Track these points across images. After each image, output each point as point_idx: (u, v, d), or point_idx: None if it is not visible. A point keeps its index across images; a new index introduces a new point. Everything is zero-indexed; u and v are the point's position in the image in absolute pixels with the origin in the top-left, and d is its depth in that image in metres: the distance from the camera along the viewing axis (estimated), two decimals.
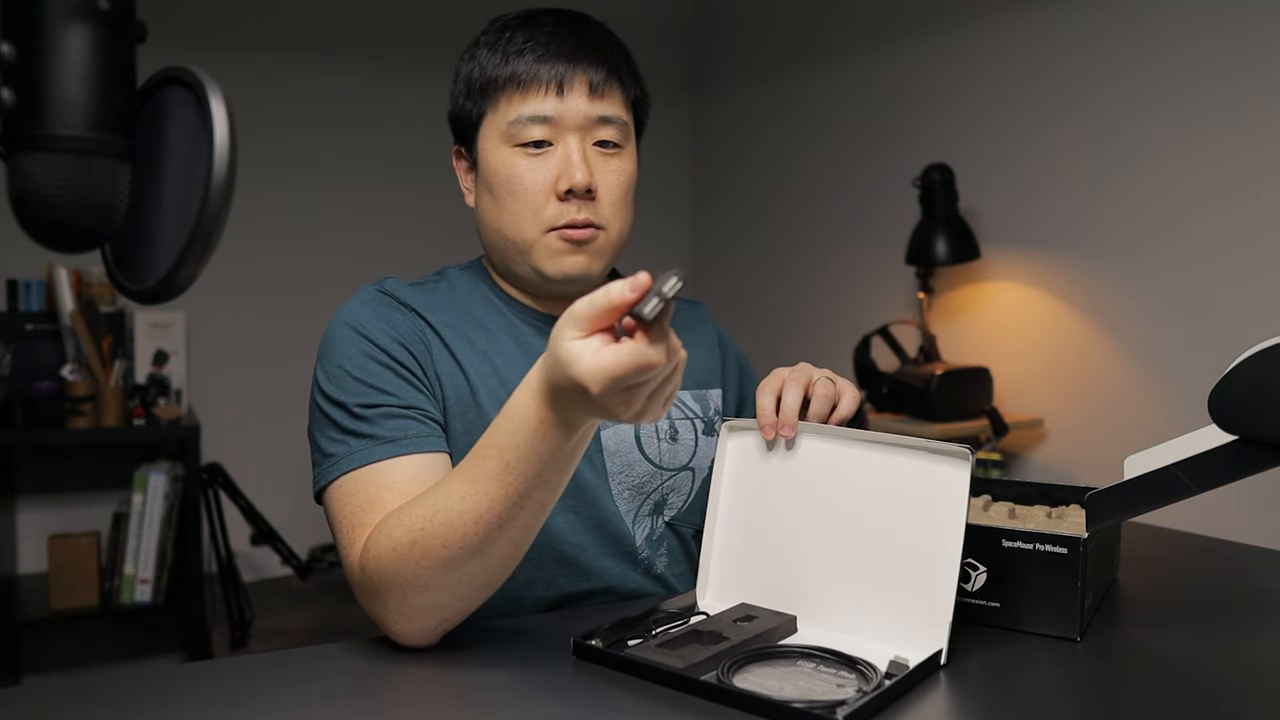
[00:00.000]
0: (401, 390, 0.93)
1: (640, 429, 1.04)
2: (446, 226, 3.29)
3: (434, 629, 0.82)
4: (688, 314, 1.19)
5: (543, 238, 0.98)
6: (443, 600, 0.79)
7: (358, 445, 0.89)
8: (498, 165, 0.98)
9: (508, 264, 1.03)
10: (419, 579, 0.78)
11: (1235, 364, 0.68)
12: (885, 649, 0.80)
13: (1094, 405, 2.65)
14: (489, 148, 0.99)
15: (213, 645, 2.54)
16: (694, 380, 1.11)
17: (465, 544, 0.76)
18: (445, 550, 0.76)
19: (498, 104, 0.98)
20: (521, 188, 0.97)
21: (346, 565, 0.86)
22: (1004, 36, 2.86)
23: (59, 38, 0.54)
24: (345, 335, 0.95)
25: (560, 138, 0.97)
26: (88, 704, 0.72)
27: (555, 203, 0.97)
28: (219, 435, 3.08)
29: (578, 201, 0.97)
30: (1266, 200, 2.25)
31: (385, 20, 3.63)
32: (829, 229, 3.53)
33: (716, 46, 4.11)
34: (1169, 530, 1.23)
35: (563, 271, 0.99)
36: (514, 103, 0.97)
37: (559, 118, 0.96)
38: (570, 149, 0.96)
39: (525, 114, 0.96)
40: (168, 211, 0.58)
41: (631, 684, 0.75)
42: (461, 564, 0.77)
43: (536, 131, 0.96)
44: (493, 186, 0.99)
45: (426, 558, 0.77)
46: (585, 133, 0.97)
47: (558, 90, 0.96)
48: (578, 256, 0.99)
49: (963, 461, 0.80)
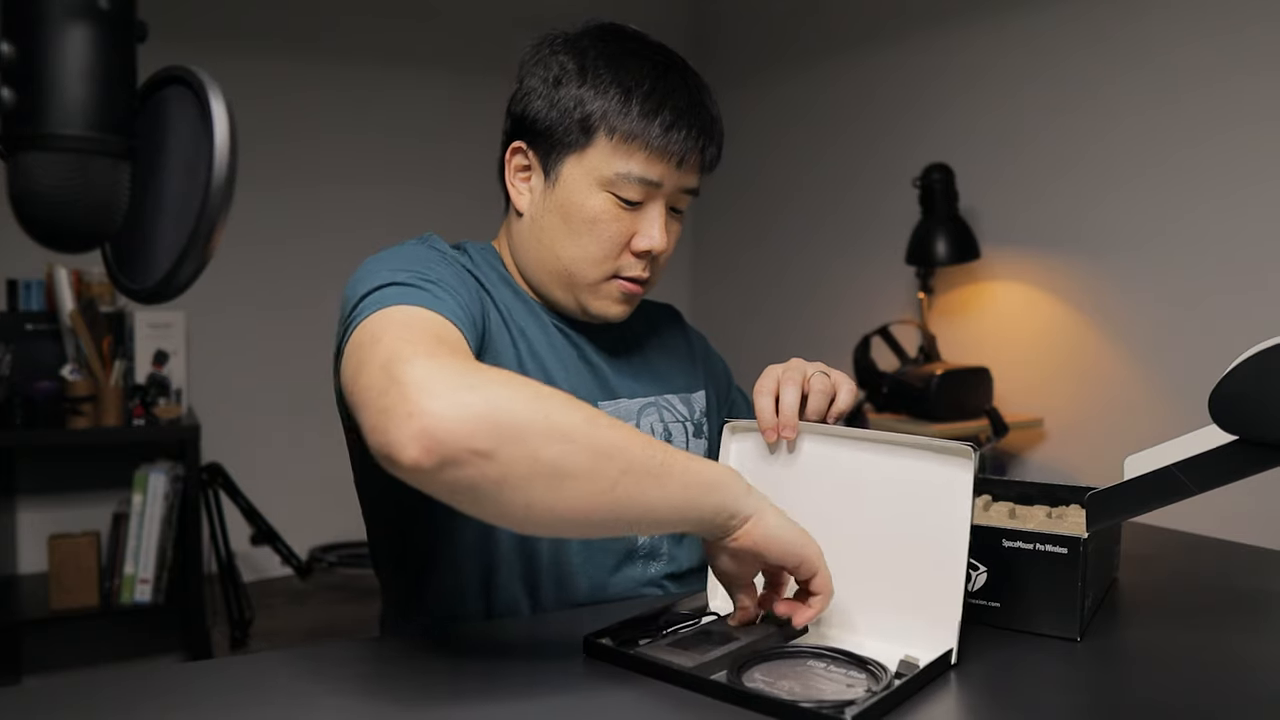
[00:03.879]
0: (467, 297, 0.89)
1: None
2: (448, 227, 3.29)
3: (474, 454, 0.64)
4: (661, 316, 1.20)
5: (605, 283, 0.99)
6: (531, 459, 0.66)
7: (407, 293, 0.81)
8: (585, 201, 0.96)
9: (547, 284, 1.02)
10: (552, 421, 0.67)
11: (1235, 364, 0.68)
12: (894, 649, 0.80)
13: (1094, 405, 2.65)
14: (579, 180, 0.96)
15: (213, 645, 2.54)
16: (680, 385, 1.13)
17: (543, 455, 0.66)
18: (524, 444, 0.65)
19: (613, 152, 0.95)
20: (606, 234, 0.97)
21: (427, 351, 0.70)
22: (1004, 36, 2.86)
23: (59, 37, 0.54)
24: (408, 247, 0.92)
25: (652, 200, 0.98)
26: (88, 704, 0.72)
27: (628, 255, 0.98)
28: (219, 435, 3.08)
29: (647, 260, 0.99)
30: (1267, 200, 2.25)
31: (386, 21, 3.63)
32: (829, 229, 3.53)
33: (714, 47, 4.10)
34: (1169, 530, 1.23)
35: (607, 316, 1.02)
36: (632, 159, 0.95)
37: (664, 186, 0.97)
38: (657, 214, 0.98)
39: (637, 174, 0.95)
40: (168, 211, 0.58)
41: (642, 683, 0.75)
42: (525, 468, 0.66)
43: (638, 192, 0.96)
44: (571, 219, 0.97)
45: (505, 425, 0.65)
46: (671, 198, 0.99)
47: (677, 164, 0.96)
48: (626, 307, 1.02)
49: (966, 460, 0.80)
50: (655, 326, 1.17)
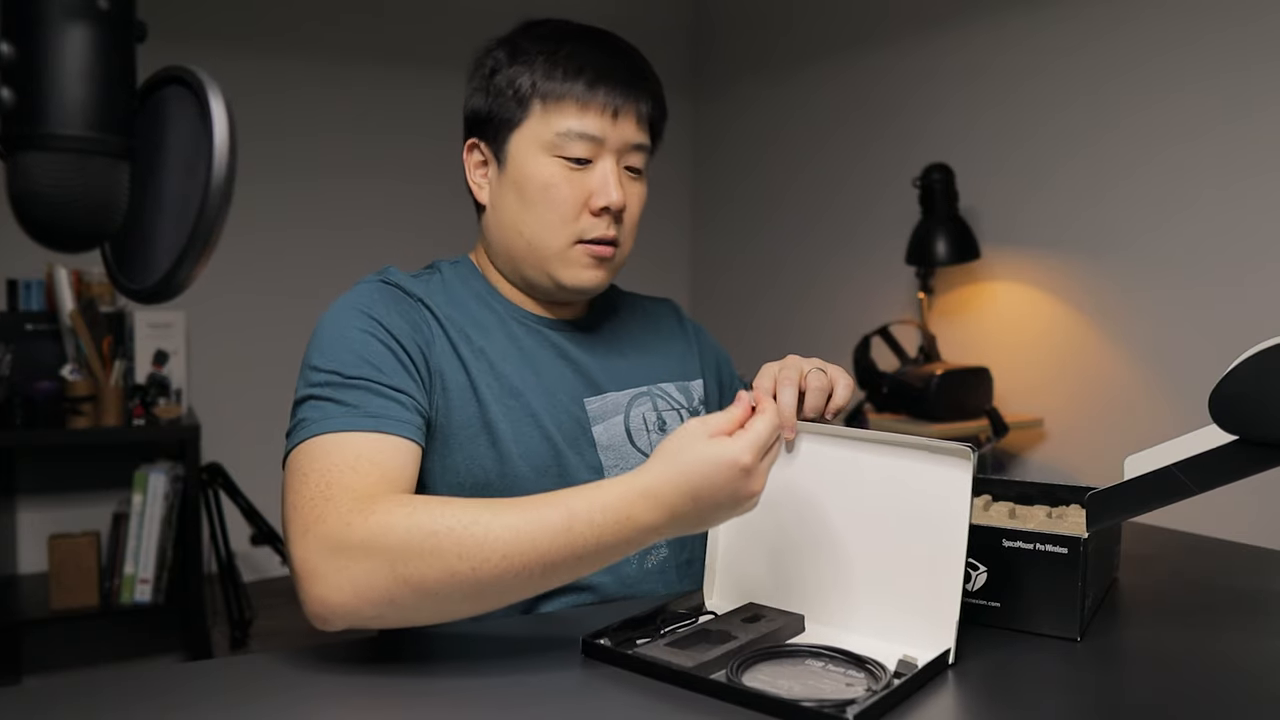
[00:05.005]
0: (396, 373, 0.92)
1: (630, 422, 1.06)
2: (448, 227, 3.29)
3: (368, 618, 0.76)
4: (658, 309, 1.22)
5: (570, 249, 1.01)
6: (414, 604, 0.75)
7: (337, 412, 0.87)
8: (535, 171, 1.00)
9: (518, 266, 1.04)
10: (414, 572, 0.74)
11: (1235, 364, 0.68)
12: (892, 648, 0.80)
13: (1094, 405, 2.65)
14: (526, 151, 1.00)
15: (213, 645, 2.54)
16: (676, 372, 1.15)
17: (481, 569, 0.74)
18: (459, 561, 0.74)
19: (547, 114, 0.99)
20: (559, 197, 0.99)
21: (316, 517, 0.78)
22: (1004, 36, 2.86)
23: (59, 37, 0.54)
24: (348, 315, 0.95)
25: (600, 157, 1.00)
26: (88, 704, 0.72)
27: (588, 217, 1.00)
28: (219, 435, 3.08)
29: (608, 219, 1.01)
30: (1267, 201, 2.25)
31: (387, 20, 3.63)
32: (829, 229, 3.53)
33: (717, 46, 4.11)
34: (1169, 530, 1.23)
35: (580, 284, 1.02)
36: (567, 117, 0.99)
37: (606, 140, 1.00)
38: (608, 170, 1.00)
39: (577, 130, 0.98)
40: (168, 211, 0.58)
41: (641, 683, 0.75)
42: (464, 585, 0.75)
43: (582, 149, 0.99)
44: (525, 191, 1.00)
45: (436, 557, 0.74)
46: (620, 156, 1.01)
47: (613, 115, 0.99)
48: (598, 271, 1.02)
49: (964, 460, 0.80)
50: (650, 316, 1.19)
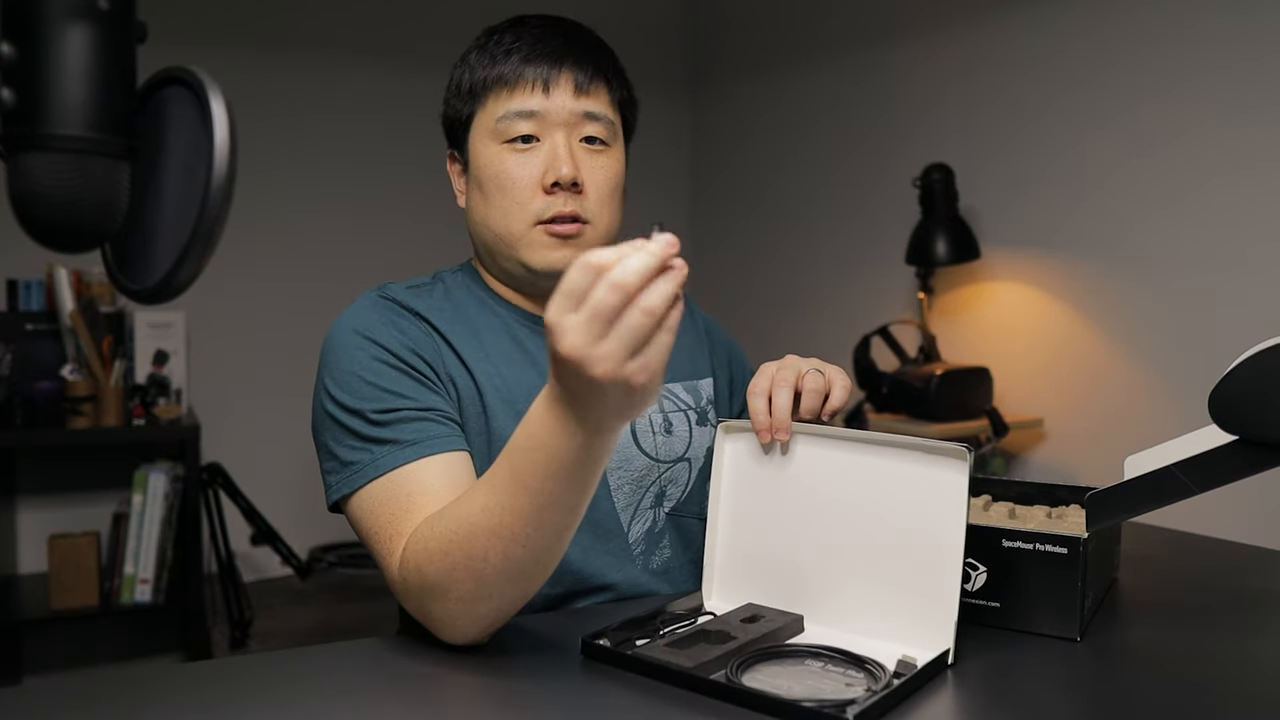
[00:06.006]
0: (418, 393, 0.92)
1: (636, 425, 1.05)
2: (452, 227, 3.29)
3: (481, 631, 0.81)
4: None
5: (530, 231, 1.00)
6: (481, 610, 0.78)
7: (380, 451, 0.88)
8: (486, 161, 1.01)
9: (496, 260, 1.04)
10: (455, 589, 0.77)
11: (1235, 364, 0.68)
12: (891, 648, 0.80)
13: (1094, 405, 2.65)
14: (478, 146, 1.02)
15: (213, 645, 2.54)
16: (683, 372, 1.13)
17: (488, 558, 0.75)
18: (471, 562, 0.75)
19: (486, 103, 1.01)
20: (510, 182, 0.99)
21: (387, 573, 0.85)
22: (1004, 35, 2.86)
23: (59, 37, 0.54)
24: (353, 341, 0.95)
25: (547, 134, 1.00)
26: (88, 704, 0.72)
27: (542, 196, 0.99)
28: (219, 435, 3.08)
29: (564, 195, 0.99)
30: (1268, 201, 2.25)
31: (388, 18, 3.63)
32: (828, 229, 3.53)
33: (716, 45, 4.11)
34: (1169, 530, 1.23)
35: (549, 265, 1.00)
36: (501, 100, 1.00)
37: (545, 114, 0.99)
38: (557, 144, 0.99)
39: (512, 109, 0.99)
40: (168, 211, 0.58)
41: (640, 683, 0.75)
42: (488, 576, 0.76)
43: (523, 127, 0.99)
44: (482, 183, 1.01)
45: (457, 569, 0.76)
46: (572, 129, 1.00)
47: (544, 88, 0.99)
48: (564, 251, 1.00)
49: (961, 460, 0.80)
50: None
